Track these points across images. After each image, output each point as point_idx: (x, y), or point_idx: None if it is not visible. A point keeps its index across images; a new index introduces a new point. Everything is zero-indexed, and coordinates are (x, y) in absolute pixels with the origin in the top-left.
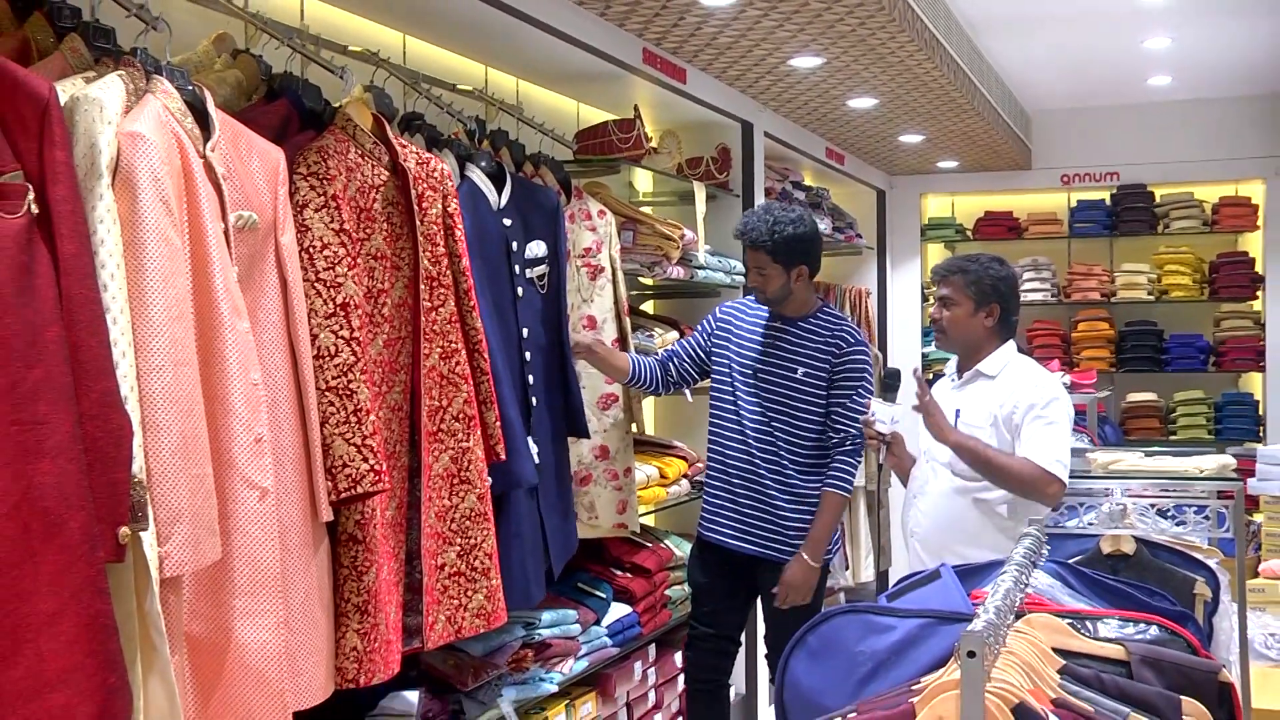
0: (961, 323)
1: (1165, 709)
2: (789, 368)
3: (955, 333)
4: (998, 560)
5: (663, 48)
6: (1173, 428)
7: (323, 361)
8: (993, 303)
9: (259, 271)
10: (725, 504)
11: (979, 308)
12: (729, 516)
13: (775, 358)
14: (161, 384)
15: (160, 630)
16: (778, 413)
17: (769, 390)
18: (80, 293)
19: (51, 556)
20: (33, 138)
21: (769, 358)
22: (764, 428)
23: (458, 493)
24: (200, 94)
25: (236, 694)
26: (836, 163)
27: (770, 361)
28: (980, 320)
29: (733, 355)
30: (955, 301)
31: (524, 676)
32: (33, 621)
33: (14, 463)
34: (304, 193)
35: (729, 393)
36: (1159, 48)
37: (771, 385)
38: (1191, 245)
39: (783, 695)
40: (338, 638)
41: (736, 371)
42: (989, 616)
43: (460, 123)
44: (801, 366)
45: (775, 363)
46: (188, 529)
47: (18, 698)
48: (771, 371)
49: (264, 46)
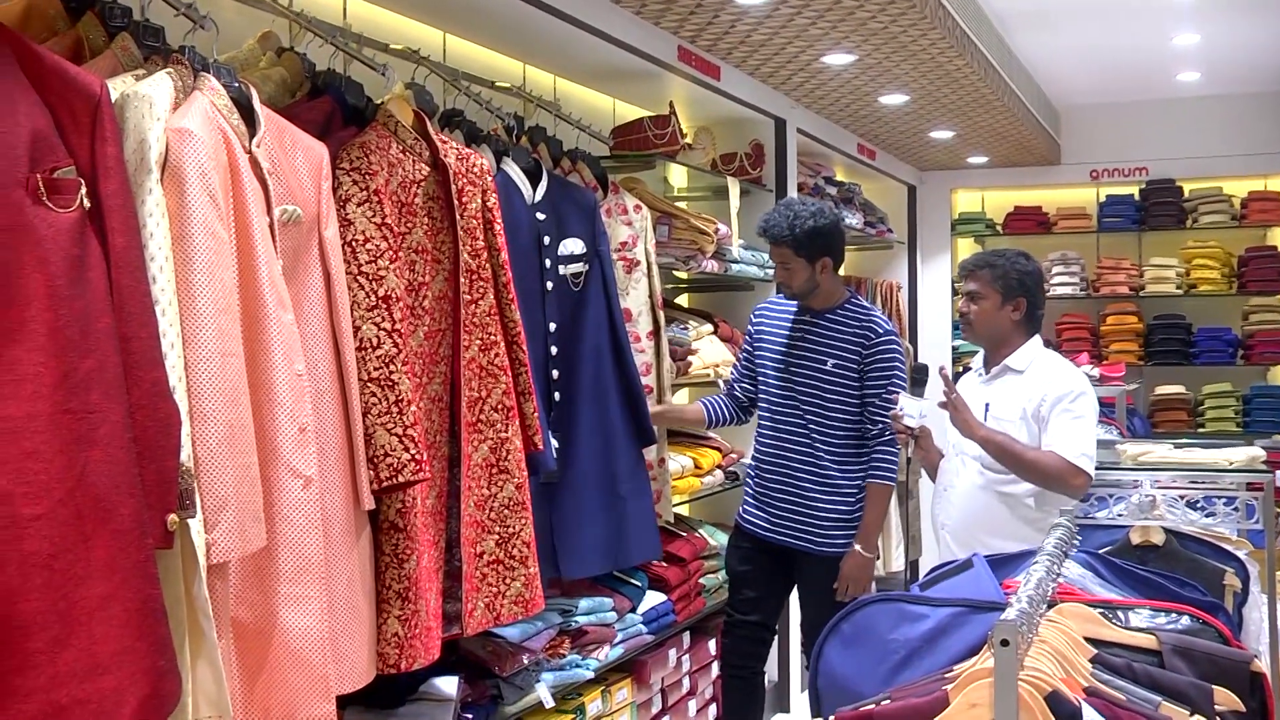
0: (989, 317)
1: (1197, 698)
2: (819, 360)
3: (982, 326)
4: (1029, 550)
5: (697, 45)
6: (1201, 420)
7: (365, 353)
8: (1019, 297)
9: (303, 265)
10: (762, 495)
11: (1005, 301)
12: (765, 508)
13: (804, 351)
14: (209, 374)
15: (208, 615)
16: (810, 405)
17: (800, 383)
18: (130, 285)
19: (103, 542)
20: (85, 134)
21: (798, 351)
22: (797, 420)
23: (496, 482)
24: (246, 91)
25: (281, 678)
26: (868, 158)
27: (799, 355)
28: (1007, 314)
29: (766, 352)
30: (982, 295)
31: (561, 662)
32: (85, 605)
33: (67, 450)
34: (347, 187)
35: (765, 389)
36: (1188, 44)
37: (802, 378)
38: (1220, 239)
39: (817, 682)
40: (379, 623)
41: (769, 366)
42: (1022, 605)
43: (499, 119)
44: (831, 358)
45: (805, 356)
46: (234, 516)
47: (71, 679)
48: (801, 365)
49: (308, 44)
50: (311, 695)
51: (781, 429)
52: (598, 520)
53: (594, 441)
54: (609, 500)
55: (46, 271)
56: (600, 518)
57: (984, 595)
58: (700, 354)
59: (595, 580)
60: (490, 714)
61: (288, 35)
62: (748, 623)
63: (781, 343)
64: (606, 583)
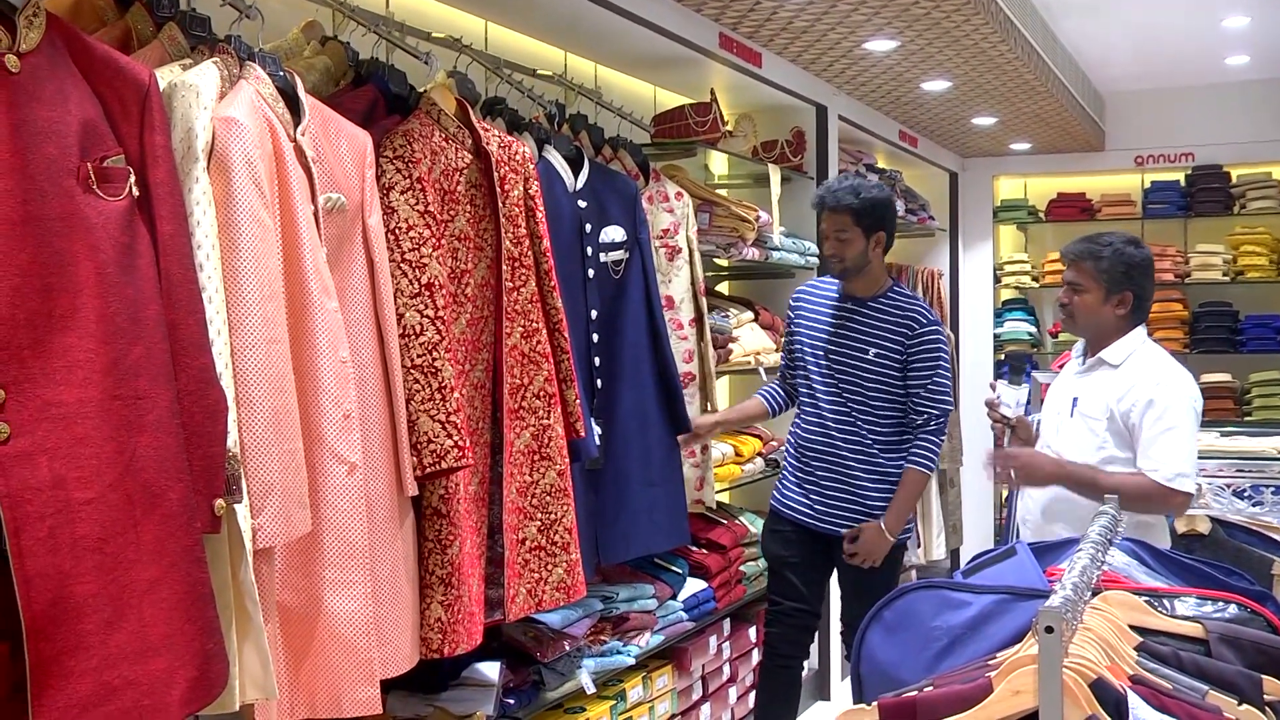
0: (1091, 310)
1: (1247, 688)
2: (860, 349)
3: (1084, 320)
4: (1073, 538)
5: (739, 32)
6: (1248, 409)
7: (408, 340)
8: (1125, 290)
9: (347, 252)
10: (805, 483)
11: (1110, 295)
12: (810, 496)
13: (846, 339)
14: (255, 361)
15: (254, 599)
16: (852, 394)
17: (842, 372)
18: (178, 272)
19: (152, 527)
20: (134, 123)
21: (840, 339)
22: (841, 408)
23: (538, 469)
24: (291, 80)
25: (326, 661)
26: (909, 145)
27: (841, 343)
28: (1111, 309)
29: (804, 338)
30: (1084, 288)
31: (602, 649)
32: (135, 588)
33: (117, 436)
34: (390, 175)
35: (804, 374)
36: (1237, 26)
37: (844, 367)
38: (1268, 225)
39: (859, 669)
40: (423, 609)
41: (809, 353)
42: (1066, 593)
43: (540, 107)
44: (873, 348)
45: (847, 344)
46: (279, 502)
47: (123, 660)
48: (843, 353)
49: (351, 34)
50: (356, 679)
51: (826, 414)
52: (635, 506)
53: (632, 428)
54: (645, 487)
55: (97, 259)
56: (636, 504)
57: (1027, 582)
58: (741, 341)
59: (636, 567)
60: (532, 699)
61: (331, 24)
62: (796, 610)
63: (823, 329)
64: (648, 569)
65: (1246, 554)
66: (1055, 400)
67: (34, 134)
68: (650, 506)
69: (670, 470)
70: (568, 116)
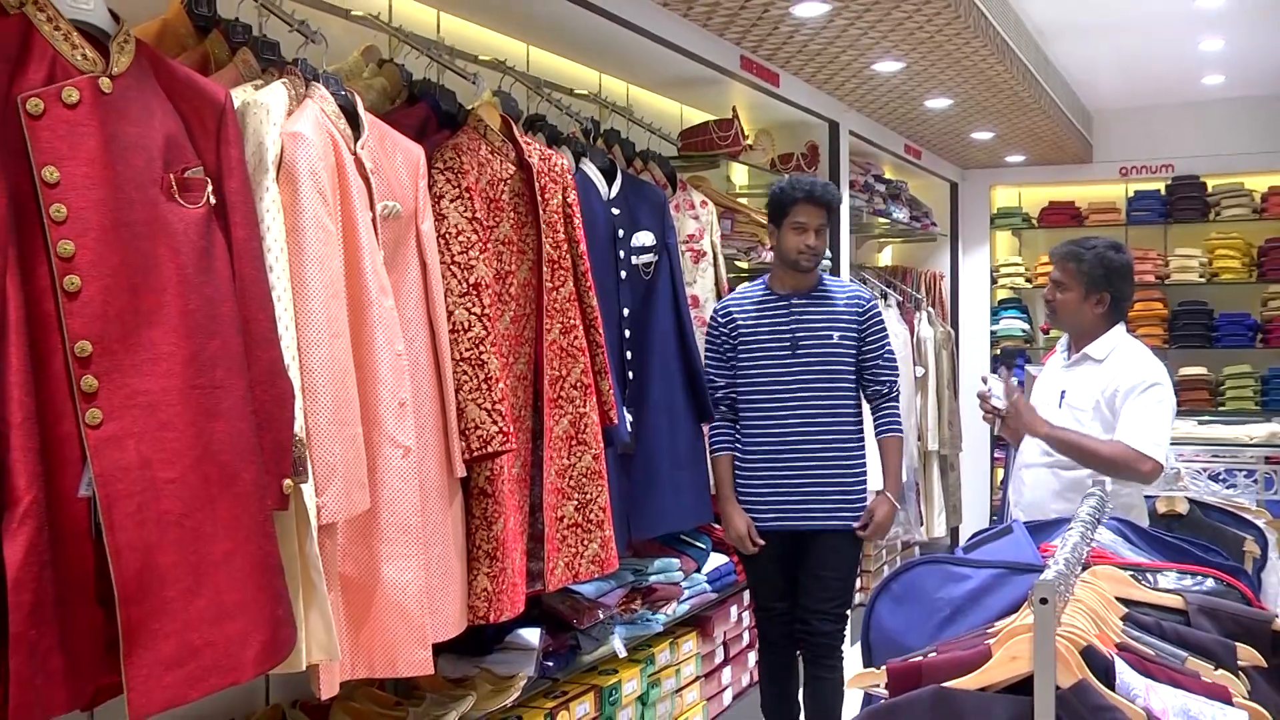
0: (1071, 308)
1: (1222, 654)
2: (824, 335)
3: (1065, 316)
4: (1064, 517)
5: (758, 54)
6: (1221, 399)
7: (457, 335)
8: (1103, 290)
9: (402, 255)
10: (779, 489)
11: (1089, 294)
12: (789, 499)
13: (809, 329)
14: (319, 354)
15: (318, 570)
16: (825, 382)
17: (811, 362)
18: (251, 273)
19: (227, 504)
20: (211, 137)
21: (804, 331)
22: (815, 400)
23: (575, 453)
24: (352, 98)
25: (383, 626)
26: (914, 157)
27: (806, 335)
28: (1089, 306)
29: (764, 341)
30: (1066, 286)
31: (633, 617)
32: (213, 559)
33: (196, 422)
34: (441, 185)
35: (768, 379)
36: (1213, 49)
37: (813, 357)
38: (1241, 231)
39: (869, 636)
40: (470, 580)
41: (775, 354)
42: (1059, 567)
43: (577, 123)
44: (836, 331)
45: (811, 334)
46: (341, 482)
47: (202, 624)
48: (809, 344)
49: (405, 56)
50: (410, 643)
51: (798, 412)
52: (663, 488)
53: (661, 417)
54: (672, 470)
55: (178, 261)
56: (664, 486)
57: (1023, 558)
58: None
59: (664, 542)
60: (569, 662)
61: (388, 48)
62: (786, 610)
63: (780, 329)
64: (674, 545)
65: (1221, 532)
66: (1043, 392)
67: (123, 148)
68: (676, 488)
69: (695, 455)
70: (602, 131)
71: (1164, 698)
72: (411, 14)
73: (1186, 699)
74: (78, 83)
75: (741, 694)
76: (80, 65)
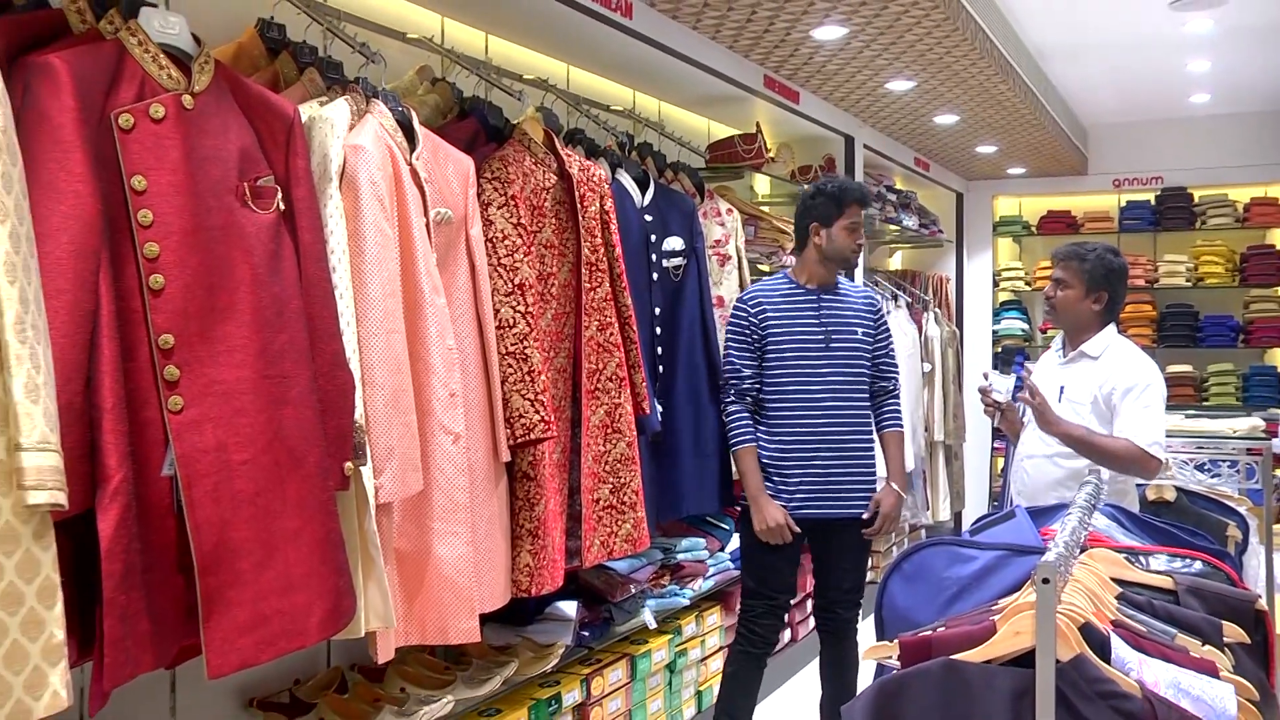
0: (1072, 305)
1: (1209, 631)
2: (851, 330)
3: (1064, 313)
4: (1063, 503)
5: (780, 74)
6: (1206, 395)
7: (503, 331)
8: (1102, 290)
9: (452, 258)
10: (811, 477)
11: (1089, 293)
12: (823, 487)
13: (839, 324)
14: (377, 348)
15: (376, 546)
16: (852, 375)
17: (843, 356)
18: (316, 273)
19: (295, 485)
20: (280, 149)
21: (836, 325)
22: (845, 390)
23: (610, 440)
24: (408, 113)
25: (435, 598)
26: (922, 169)
27: (837, 328)
28: (1088, 304)
29: (797, 333)
30: (1068, 284)
31: (662, 591)
32: (282, 535)
33: (267, 409)
34: (489, 193)
35: (802, 370)
36: (1200, 70)
37: (843, 351)
38: (1225, 239)
39: (881, 612)
40: (513, 556)
41: (809, 346)
42: (1059, 550)
43: (613, 136)
44: (860, 328)
45: (841, 329)
46: (397, 465)
47: (272, 594)
48: (841, 337)
49: (456, 75)
50: (460, 613)
51: (830, 401)
52: (689, 473)
53: (688, 408)
54: (698, 457)
55: (251, 262)
56: (691, 471)
57: (1025, 541)
58: None
59: (691, 524)
60: (603, 633)
61: (440, 68)
62: (787, 601)
63: (812, 322)
64: (700, 526)
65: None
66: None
67: (202, 159)
68: (702, 473)
69: (719, 443)
70: (636, 145)
71: (1156, 671)
72: (462, 36)
73: (1177, 672)
74: (163, 99)
75: (782, 649)
76: (166, 84)
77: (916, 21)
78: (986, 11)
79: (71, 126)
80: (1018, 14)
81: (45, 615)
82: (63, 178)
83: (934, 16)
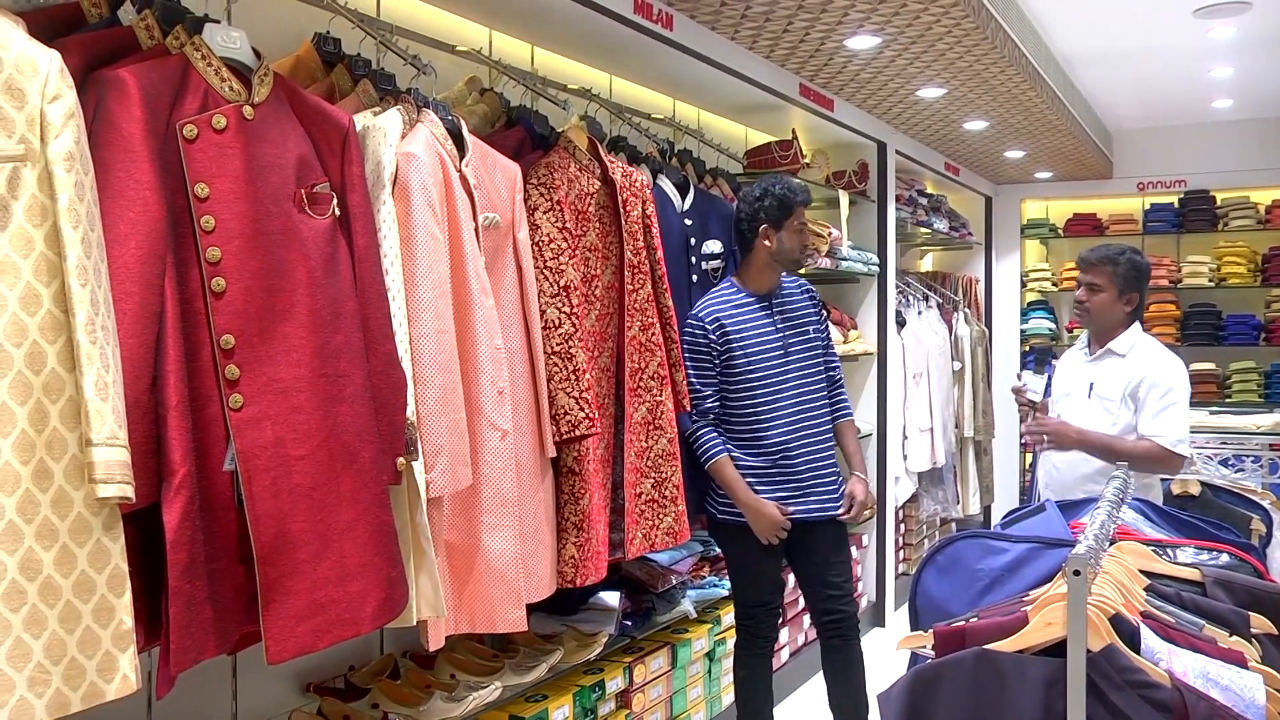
0: (1106, 307)
1: (1236, 622)
2: (803, 331)
3: (1099, 315)
4: (1092, 497)
5: (815, 83)
6: (1228, 392)
7: (549, 331)
8: (1134, 291)
9: (500, 261)
10: (789, 482)
11: (1122, 295)
12: (803, 491)
13: (792, 328)
14: (428, 348)
15: (427, 538)
16: (811, 374)
17: (801, 357)
18: (369, 276)
19: (350, 479)
20: (336, 156)
21: (790, 329)
22: (804, 394)
23: (652, 437)
24: (457, 122)
25: (484, 588)
26: (952, 174)
27: (793, 334)
28: (1121, 306)
29: (757, 345)
30: (1102, 288)
31: (702, 582)
32: (337, 527)
33: (323, 406)
34: (535, 199)
35: (768, 379)
36: (1223, 76)
37: (801, 352)
38: (1247, 240)
39: (915, 602)
40: (559, 548)
41: (770, 354)
42: (1089, 542)
43: (654, 143)
44: (810, 325)
45: (795, 331)
46: (447, 461)
47: (328, 583)
48: (796, 340)
49: (504, 86)
50: (507, 603)
51: (796, 406)
52: None
53: None
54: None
55: (308, 265)
56: None
57: (1055, 534)
58: None
59: None
60: (645, 622)
61: (488, 78)
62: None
63: (770, 328)
64: None
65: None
66: (1069, 384)
67: (262, 167)
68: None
69: None
70: (676, 151)
71: (1185, 661)
72: (509, 48)
73: (1205, 662)
74: (225, 111)
75: (797, 651)
76: (227, 95)
77: (947, 31)
78: (1015, 21)
79: (140, 136)
80: (1045, 23)
81: (115, 603)
82: (131, 185)
83: (964, 26)
